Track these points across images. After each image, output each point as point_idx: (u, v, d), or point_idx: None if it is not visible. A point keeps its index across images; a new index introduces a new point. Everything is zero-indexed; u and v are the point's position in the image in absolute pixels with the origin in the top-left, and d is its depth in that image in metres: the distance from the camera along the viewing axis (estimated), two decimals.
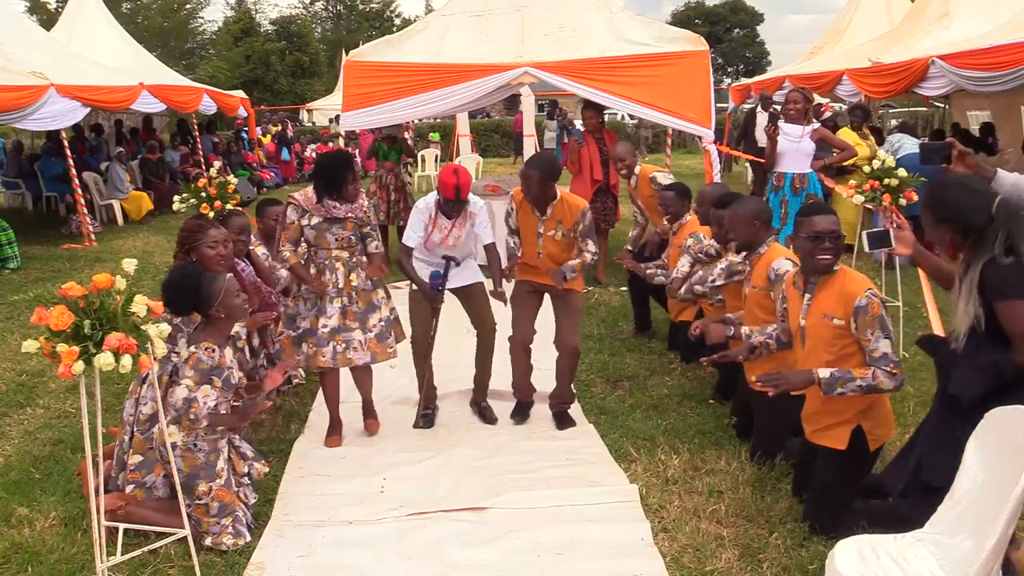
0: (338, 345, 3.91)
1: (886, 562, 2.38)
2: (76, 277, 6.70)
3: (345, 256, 3.93)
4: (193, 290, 3.11)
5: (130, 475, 3.28)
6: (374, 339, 3.99)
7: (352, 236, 3.94)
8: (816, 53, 13.88)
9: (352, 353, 3.93)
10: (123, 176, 11.56)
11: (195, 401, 3.04)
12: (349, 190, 3.85)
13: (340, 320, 3.90)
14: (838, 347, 2.99)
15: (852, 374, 2.91)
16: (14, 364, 5.31)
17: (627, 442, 4.01)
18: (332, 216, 3.87)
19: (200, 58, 32.17)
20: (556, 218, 4.13)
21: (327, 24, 46.84)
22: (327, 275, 3.90)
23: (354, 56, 7.92)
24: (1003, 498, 2.16)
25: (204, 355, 3.05)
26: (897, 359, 2.91)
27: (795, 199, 5.96)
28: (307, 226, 3.89)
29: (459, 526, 3.30)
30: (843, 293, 2.97)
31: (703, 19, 50.06)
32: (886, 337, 2.89)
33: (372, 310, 4.00)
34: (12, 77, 8.37)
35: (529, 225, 4.20)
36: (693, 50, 7.08)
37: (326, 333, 3.88)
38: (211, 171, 5.70)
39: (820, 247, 3.01)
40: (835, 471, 3.09)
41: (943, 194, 2.69)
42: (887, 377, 2.87)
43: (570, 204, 4.14)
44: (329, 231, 3.89)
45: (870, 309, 2.89)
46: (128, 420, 3.34)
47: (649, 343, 5.57)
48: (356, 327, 3.94)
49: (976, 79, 7.14)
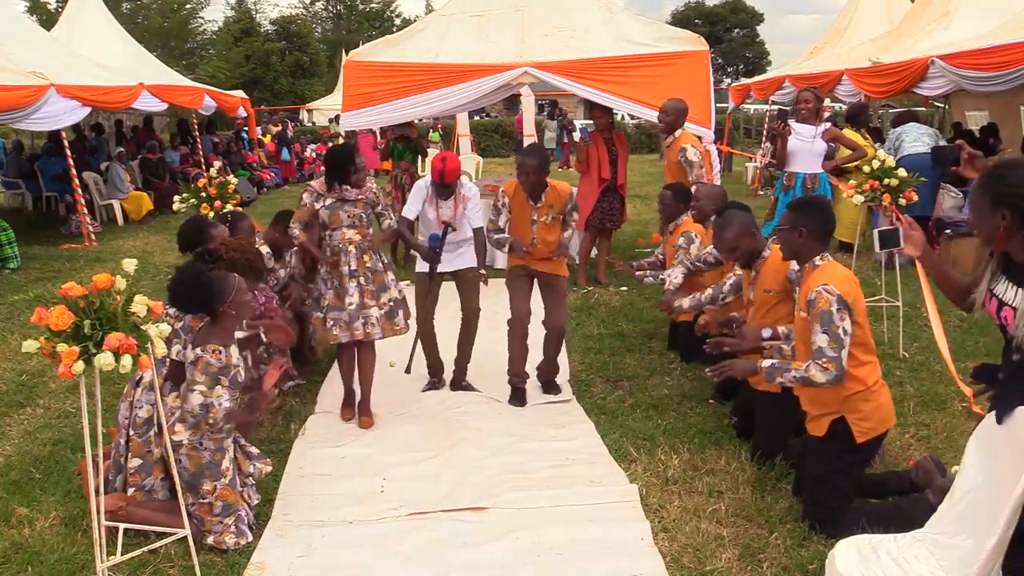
0: (361, 320, 4.26)
1: (886, 562, 2.38)
2: (76, 277, 6.71)
3: (357, 239, 4.24)
4: (207, 287, 3.10)
5: (131, 479, 3.28)
6: (384, 317, 4.31)
7: (363, 214, 4.26)
8: (816, 53, 13.88)
9: (370, 328, 4.27)
10: (123, 176, 11.57)
11: (212, 406, 3.03)
12: (353, 179, 4.20)
13: (360, 298, 4.25)
14: (808, 338, 3.04)
15: (788, 365, 3.03)
16: (14, 364, 5.31)
17: (627, 442, 4.01)
18: (344, 197, 4.22)
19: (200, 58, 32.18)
20: (548, 204, 4.51)
21: (327, 24, 46.87)
22: (341, 257, 4.21)
23: (354, 56, 7.92)
24: (1003, 498, 2.16)
25: (212, 358, 3.03)
26: (834, 355, 2.91)
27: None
28: (322, 207, 4.22)
29: (459, 526, 3.29)
30: (807, 287, 3.07)
31: (703, 19, 50.05)
32: (824, 332, 2.93)
33: (383, 290, 4.33)
34: (12, 77, 8.37)
35: (523, 213, 4.53)
36: (693, 50, 7.09)
37: (354, 310, 4.23)
38: (211, 171, 5.70)
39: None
40: (819, 460, 3.13)
41: (1009, 175, 2.36)
42: (819, 371, 2.92)
43: (558, 190, 4.55)
44: (341, 209, 4.23)
45: (817, 303, 2.95)
46: (123, 423, 3.33)
47: (649, 343, 5.57)
48: (372, 304, 4.28)
49: (976, 79, 7.14)
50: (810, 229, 3.14)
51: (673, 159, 5.90)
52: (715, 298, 4.27)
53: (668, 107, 5.98)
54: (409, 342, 4.77)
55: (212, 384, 3.03)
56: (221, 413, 3.05)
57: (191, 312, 3.25)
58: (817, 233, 3.15)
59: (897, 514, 3.05)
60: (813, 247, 3.16)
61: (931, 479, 3.20)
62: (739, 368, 3.26)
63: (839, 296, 2.95)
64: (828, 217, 3.23)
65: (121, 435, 3.33)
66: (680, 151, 5.80)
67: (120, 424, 3.36)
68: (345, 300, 4.23)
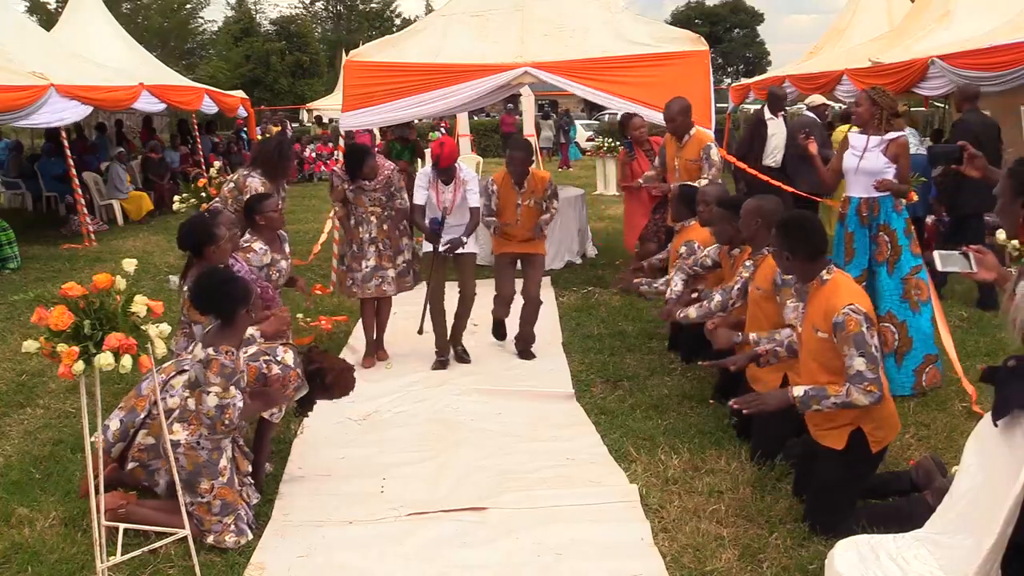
0: (376, 280, 5.16)
1: (885, 562, 2.39)
2: (76, 277, 6.70)
3: (378, 211, 5.16)
4: (239, 287, 3.13)
5: (136, 452, 3.26)
6: (396, 276, 5.21)
7: (382, 196, 5.16)
8: (816, 53, 13.87)
9: (386, 286, 5.19)
10: (123, 176, 11.57)
11: (229, 407, 3.03)
12: (367, 170, 5.02)
13: (377, 260, 5.15)
14: (826, 358, 2.98)
15: (826, 391, 2.89)
16: (14, 364, 5.32)
17: (627, 442, 4.01)
18: (363, 187, 5.11)
19: (200, 58, 32.23)
20: (531, 189, 5.23)
21: (327, 24, 46.88)
22: (363, 226, 5.13)
23: (354, 56, 7.91)
24: (1002, 498, 2.16)
25: (226, 359, 3.03)
26: (874, 376, 2.83)
27: (862, 230, 4.53)
28: (348, 189, 5.11)
29: (459, 526, 3.30)
30: (827, 307, 2.94)
31: (703, 19, 49.99)
32: (861, 355, 2.82)
33: (398, 253, 5.23)
34: (12, 77, 8.38)
35: (510, 198, 5.25)
36: (693, 50, 7.07)
37: (368, 271, 5.13)
38: (211, 171, 5.71)
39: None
40: (835, 471, 3.08)
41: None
42: (861, 394, 2.83)
43: (538, 176, 5.29)
44: (364, 193, 5.14)
45: (847, 326, 2.83)
46: (149, 397, 3.31)
47: (649, 343, 5.57)
48: (389, 266, 5.19)
49: (976, 79, 7.14)
50: (797, 253, 3.04)
51: (692, 157, 5.68)
52: (724, 304, 4.07)
53: (673, 110, 5.68)
54: (410, 339, 5.33)
55: (227, 386, 3.04)
56: (236, 413, 3.06)
57: (209, 313, 3.24)
58: (804, 256, 3.04)
59: (897, 514, 3.05)
60: (806, 268, 3.07)
61: (931, 479, 3.19)
62: (770, 402, 3.07)
63: (865, 315, 2.86)
64: (813, 236, 3.05)
65: (144, 408, 3.32)
66: (704, 149, 5.63)
67: (145, 394, 3.34)
68: (362, 263, 5.12)
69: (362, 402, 4.61)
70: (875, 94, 4.43)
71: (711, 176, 5.58)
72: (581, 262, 8.24)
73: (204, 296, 3.15)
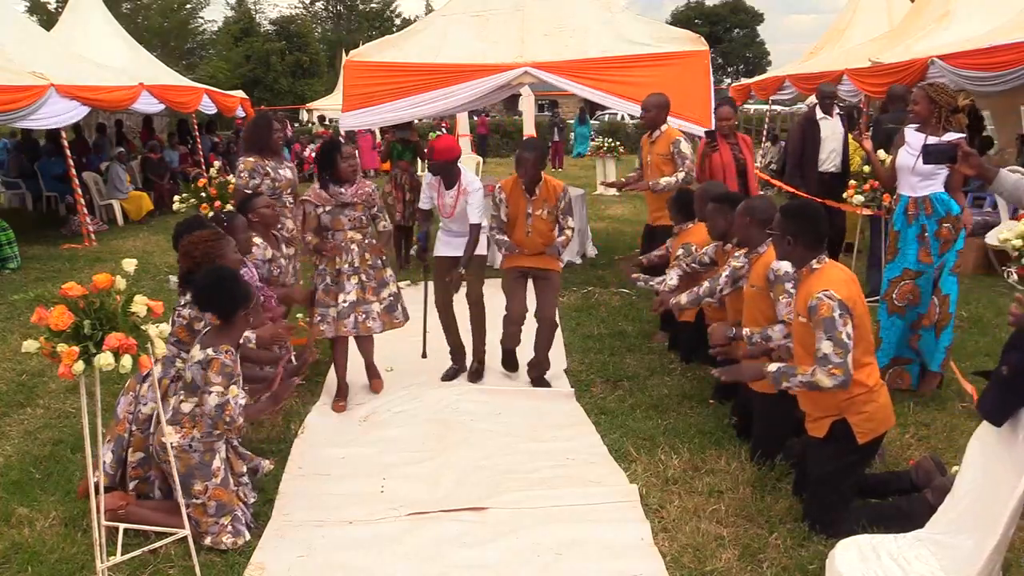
0: (359, 315, 4.47)
1: (886, 562, 2.39)
2: (76, 277, 6.71)
3: (359, 238, 4.48)
4: (240, 288, 3.15)
5: (132, 471, 3.28)
6: (384, 311, 4.55)
7: (363, 216, 4.50)
8: (816, 53, 13.88)
9: (371, 322, 4.50)
10: (123, 176, 11.57)
11: (228, 404, 3.05)
12: (343, 169, 4.41)
13: (359, 294, 4.48)
14: (808, 343, 3.04)
15: (795, 369, 3.02)
16: (14, 364, 5.31)
17: (627, 442, 4.01)
18: (341, 202, 4.42)
19: (200, 58, 32.24)
20: (543, 198, 4.69)
21: (327, 24, 46.90)
22: (343, 256, 4.43)
23: (354, 56, 7.91)
24: (1004, 498, 2.16)
25: (226, 359, 3.05)
26: (840, 361, 2.89)
27: (908, 229, 4.44)
28: (322, 213, 4.44)
29: (459, 526, 3.29)
30: (806, 292, 3.06)
31: (703, 19, 50.03)
32: (829, 339, 2.90)
33: (383, 286, 4.58)
34: (12, 77, 8.37)
35: (519, 207, 4.72)
36: (693, 50, 7.08)
37: (347, 307, 4.44)
38: (211, 171, 5.70)
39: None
40: (821, 461, 3.13)
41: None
42: (826, 376, 2.90)
43: (552, 185, 4.74)
44: (342, 214, 4.44)
45: (819, 310, 2.93)
46: (127, 417, 3.34)
47: (649, 343, 5.56)
48: (374, 300, 4.53)
49: (976, 79, 7.15)
50: (800, 238, 3.12)
51: (662, 152, 5.78)
52: (713, 291, 4.13)
53: (649, 102, 5.83)
54: (410, 338, 4.99)
55: (227, 384, 3.05)
56: (236, 411, 3.07)
57: (209, 311, 3.25)
58: (808, 242, 3.13)
59: (897, 514, 3.05)
60: (804, 255, 3.15)
61: (931, 479, 3.20)
62: (746, 373, 3.32)
63: (840, 301, 2.93)
64: (819, 225, 3.16)
65: (125, 429, 3.34)
66: (673, 143, 5.73)
67: (121, 418, 3.36)
68: (339, 297, 4.43)
69: (362, 402, 4.64)
70: (932, 91, 4.28)
71: (686, 168, 5.64)
72: (581, 262, 8.24)
73: (206, 293, 3.15)
